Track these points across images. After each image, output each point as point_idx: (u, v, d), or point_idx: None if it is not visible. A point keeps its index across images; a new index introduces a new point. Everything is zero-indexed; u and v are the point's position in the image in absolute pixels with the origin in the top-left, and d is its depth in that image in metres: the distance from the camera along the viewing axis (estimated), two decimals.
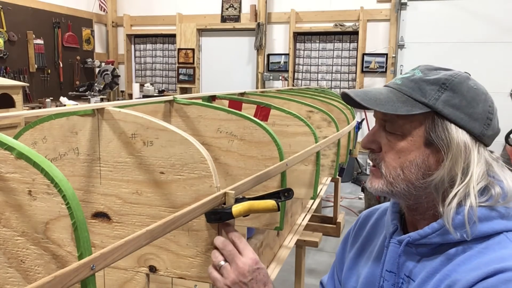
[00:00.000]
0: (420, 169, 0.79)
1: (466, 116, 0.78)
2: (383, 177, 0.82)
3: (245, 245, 0.84)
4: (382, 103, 0.79)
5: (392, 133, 0.81)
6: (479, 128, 0.78)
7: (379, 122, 0.84)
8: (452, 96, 0.78)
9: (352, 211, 4.73)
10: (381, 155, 0.83)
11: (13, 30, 5.83)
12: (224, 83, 6.96)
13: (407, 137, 0.79)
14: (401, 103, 0.79)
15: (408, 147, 0.79)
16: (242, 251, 0.83)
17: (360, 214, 1.09)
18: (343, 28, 6.37)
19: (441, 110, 0.77)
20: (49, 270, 0.86)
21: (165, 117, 1.46)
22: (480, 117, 0.79)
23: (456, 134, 0.77)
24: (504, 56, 5.57)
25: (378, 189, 0.83)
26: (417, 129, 0.79)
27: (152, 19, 7.41)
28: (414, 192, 0.81)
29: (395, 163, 0.81)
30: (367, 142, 0.85)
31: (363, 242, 1.01)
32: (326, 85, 6.61)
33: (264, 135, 1.44)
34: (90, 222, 1.00)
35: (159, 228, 0.74)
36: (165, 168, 0.93)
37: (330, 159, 2.84)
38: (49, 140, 1.01)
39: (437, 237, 0.79)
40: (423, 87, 0.79)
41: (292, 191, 0.94)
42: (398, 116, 0.79)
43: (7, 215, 0.85)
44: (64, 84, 6.73)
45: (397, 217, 0.91)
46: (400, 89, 0.81)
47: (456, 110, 0.77)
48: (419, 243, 0.82)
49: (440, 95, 0.78)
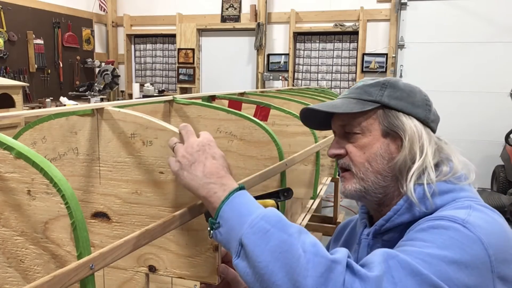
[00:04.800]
0: (384, 158, 0.89)
1: (409, 104, 0.90)
2: (354, 176, 0.91)
3: (204, 131, 0.87)
4: (338, 106, 0.92)
5: (352, 134, 0.91)
6: (422, 113, 0.91)
7: (339, 130, 0.95)
8: (393, 91, 0.91)
9: (352, 211, 4.73)
10: (348, 157, 0.92)
11: (13, 30, 5.83)
12: (224, 83, 6.95)
13: (366, 133, 0.90)
14: (354, 104, 0.91)
15: (370, 142, 0.90)
16: (200, 134, 0.86)
17: (338, 225, 1.16)
18: (343, 28, 6.37)
19: (388, 103, 0.90)
20: (48, 270, 0.86)
21: (164, 117, 1.46)
22: (420, 104, 0.91)
23: (406, 120, 0.89)
24: (504, 56, 5.56)
25: (352, 189, 0.91)
26: (373, 124, 0.90)
27: (152, 19, 7.41)
28: (383, 183, 0.90)
29: (361, 159, 0.90)
30: (334, 150, 0.94)
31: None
32: (326, 85, 6.61)
33: (263, 135, 1.44)
34: (89, 222, 1.00)
35: (158, 228, 0.74)
36: (165, 168, 0.93)
37: (330, 159, 2.84)
38: (48, 140, 1.01)
39: (399, 217, 0.87)
40: (367, 90, 0.92)
41: (292, 191, 0.95)
42: (354, 116, 0.90)
43: (6, 214, 0.85)
44: (64, 84, 6.72)
45: (365, 217, 0.99)
46: (349, 96, 0.94)
47: (400, 101, 0.90)
48: (385, 229, 0.90)
49: (383, 92, 0.91)
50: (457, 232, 0.72)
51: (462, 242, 0.71)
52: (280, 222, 0.70)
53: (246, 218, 0.71)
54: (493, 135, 5.27)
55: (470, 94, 5.60)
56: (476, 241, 0.71)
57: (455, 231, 0.73)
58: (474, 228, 0.73)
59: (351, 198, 0.94)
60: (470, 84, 5.62)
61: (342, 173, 0.94)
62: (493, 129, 5.34)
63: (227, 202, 0.75)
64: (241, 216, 0.72)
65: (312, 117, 0.99)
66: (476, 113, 5.49)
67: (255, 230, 0.69)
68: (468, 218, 0.75)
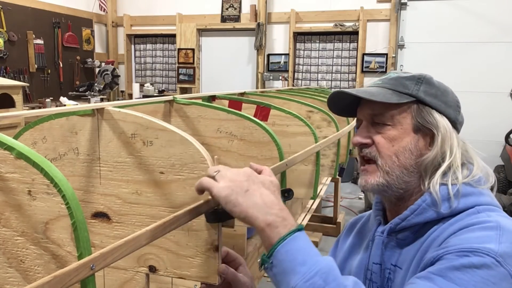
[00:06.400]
0: (413, 153, 0.87)
1: (442, 103, 0.89)
2: (379, 168, 0.88)
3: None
4: (375, 95, 0.88)
5: (383, 125, 0.89)
6: (453, 113, 0.90)
7: (367, 118, 0.92)
8: (429, 87, 0.89)
9: (352, 211, 4.73)
10: (375, 147, 0.89)
11: (13, 30, 5.83)
12: (224, 83, 6.95)
13: (397, 126, 0.88)
14: (390, 95, 0.88)
15: (400, 135, 0.87)
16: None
17: (348, 221, 1.14)
18: (343, 28, 6.37)
19: (423, 99, 0.88)
20: (48, 270, 0.86)
21: (165, 117, 1.46)
22: (452, 104, 0.91)
23: (440, 118, 0.88)
24: (504, 56, 5.56)
25: (375, 183, 0.89)
26: (406, 117, 0.88)
27: (152, 19, 7.41)
28: (407, 178, 0.88)
29: (389, 152, 0.87)
30: (360, 138, 0.91)
31: (352, 243, 1.06)
32: (326, 85, 6.60)
33: (264, 135, 1.44)
34: (90, 222, 1.00)
35: (159, 228, 0.74)
36: (165, 168, 0.93)
37: (330, 159, 2.84)
38: (49, 140, 1.01)
39: (416, 217, 0.86)
40: (403, 82, 0.90)
41: (292, 191, 0.94)
42: (387, 107, 0.88)
43: (7, 215, 0.85)
44: (64, 84, 6.72)
45: (380, 214, 0.98)
46: (384, 86, 0.91)
47: (434, 99, 0.89)
48: (400, 228, 0.88)
49: (419, 87, 0.89)
50: (489, 271, 0.72)
51: (493, 282, 0.71)
52: (335, 281, 0.69)
53: (300, 268, 0.70)
54: (493, 135, 5.28)
55: (470, 94, 5.59)
56: (506, 277, 0.71)
57: (487, 270, 0.72)
58: (505, 261, 0.72)
59: (371, 192, 0.91)
60: (470, 84, 5.62)
61: (364, 166, 0.91)
62: (493, 129, 5.34)
63: (283, 244, 0.72)
64: (296, 264, 0.70)
65: (339, 101, 0.96)
66: (476, 113, 5.48)
67: (308, 285, 0.68)
68: (499, 248, 0.73)
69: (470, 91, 5.63)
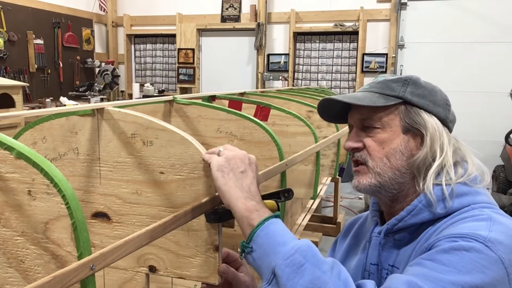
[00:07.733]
0: (404, 154, 0.88)
1: (430, 103, 0.90)
2: (371, 170, 0.90)
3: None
4: (362, 99, 0.90)
5: (372, 128, 0.90)
6: (443, 112, 0.91)
7: (357, 123, 0.93)
8: (415, 88, 0.90)
9: (352, 211, 4.72)
10: (366, 151, 0.91)
11: (13, 30, 5.83)
12: (224, 83, 6.95)
13: (386, 128, 0.89)
14: (376, 98, 0.90)
15: (390, 137, 0.89)
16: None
17: (347, 222, 1.15)
18: (343, 28, 6.37)
19: (410, 99, 0.89)
20: (48, 270, 0.86)
21: (165, 117, 1.46)
22: (441, 103, 0.91)
23: (428, 118, 0.88)
24: (504, 56, 5.56)
25: (367, 184, 0.90)
26: (394, 119, 0.89)
27: (152, 19, 7.41)
28: (400, 179, 0.89)
29: (380, 154, 0.89)
30: (351, 143, 0.92)
31: (350, 245, 1.06)
32: (326, 85, 6.60)
33: (264, 135, 1.44)
34: (89, 222, 1.00)
35: (159, 228, 0.74)
36: (165, 168, 0.93)
37: (330, 159, 2.84)
38: (49, 140, 1.01)
39: (412, 218, 0.86)
40: (389, 85, 0.91)
41: (292, 192, 0.94)
42: (375, 110, 0.89)
43: (6, 215, 0.85)
44: (64, 84, 6.72)
45: (377, 215, 0.99)
46: (371, 90, 0.93)
47: (421, 99, 0.90)
48: (397, 229, 0.89)
49: (406, 89, 0.90)
50: (478, 253, 0.72)
51: (483, 265, 0.71)
52: (314, 257, 0.71)
53: (281, 248, 0.72)
54: (493, 135, 5.27)
55: (470, 94, 5.60)
56: (497, 261, 0.71)
57: (477, 252, 0.72)
58: (495, 247, 0.72)
59: (365, 193, 0.93)
60: (470, 84, 5.62)
61: (356, 167, 0.93)
62: (493, 129, 5.34)
63: (262, 228, 0.75)
64: (276, 244, 0.73)
65: (330, 109, 0.98)
66: (476, 113, 5.48)
67: (289, 262, 0.70)
68: (489, 235, 0.74)
69: (470, 91, 5.63)
